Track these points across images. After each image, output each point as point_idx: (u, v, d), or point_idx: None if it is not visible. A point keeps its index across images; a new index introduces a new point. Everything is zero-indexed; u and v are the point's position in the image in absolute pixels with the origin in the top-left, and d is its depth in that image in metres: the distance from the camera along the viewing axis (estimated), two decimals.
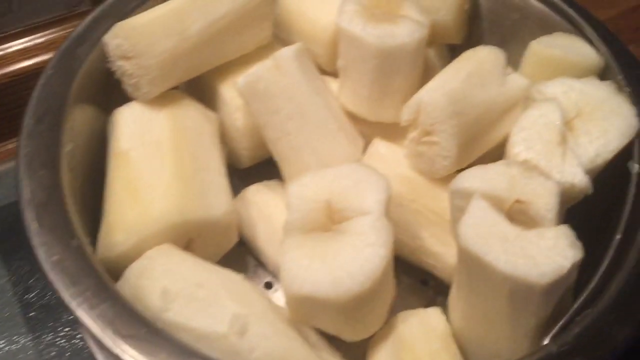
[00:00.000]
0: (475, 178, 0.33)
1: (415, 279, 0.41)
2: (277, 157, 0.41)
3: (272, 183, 0.43)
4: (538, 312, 0.29)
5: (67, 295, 0.28)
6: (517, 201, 0.31)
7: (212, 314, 0.32)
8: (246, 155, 0.43)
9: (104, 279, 0.29)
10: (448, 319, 0.35)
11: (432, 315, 0.35)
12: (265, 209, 0.41)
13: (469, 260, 0.30)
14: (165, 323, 0.31)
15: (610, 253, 0.32)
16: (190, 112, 0.41)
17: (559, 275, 0.28)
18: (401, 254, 0.40)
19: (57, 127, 0.35)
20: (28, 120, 0.35)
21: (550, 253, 0.28)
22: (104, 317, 0.27)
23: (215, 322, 0.32)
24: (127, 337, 0.27)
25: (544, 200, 0.31)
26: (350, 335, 0.34)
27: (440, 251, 0.38)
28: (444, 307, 0.36)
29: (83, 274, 0.29)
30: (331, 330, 0.34)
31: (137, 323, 0.28)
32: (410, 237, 0.39)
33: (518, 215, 0.31)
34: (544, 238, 0.29)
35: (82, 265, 0.29)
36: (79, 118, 0.38)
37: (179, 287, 0.33)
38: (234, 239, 0.40)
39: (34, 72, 0.51)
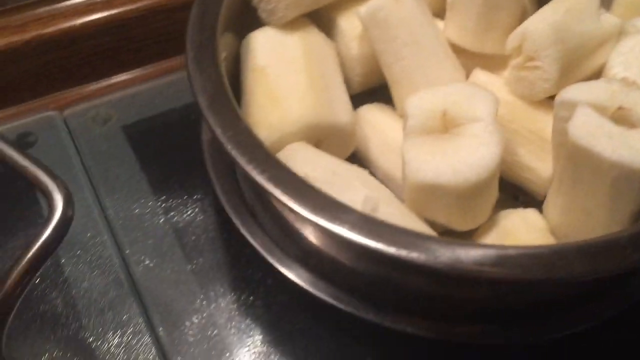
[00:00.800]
0: (580, 90, 0.38)
1: (507, 195, 0.46)
2: (390, 81, 0.46)
3: (382, 105, 0.48)
4: (637, 198, 0.34)
5: (243, 161, 0.34)
6: (619, 108, 0.36)
7: (347, 195, 0.37)
8: (358, 81, 0.49)
9: (270, 152, 0.35)
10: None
11: (530, 213, 0.40)
12: (378, 124, 0.46)
13: (577, 155, 0.35)
14: None
15: None
16: (316, 37, 0.46)
17: None
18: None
19: (213, 39, 0.41)
20: (191, 32, 0.41)
21: None
22: (275, 179, 0.33)
23: (350, 202, 0.37)
24: (297, 195, 0.33)
25: None
26: (461, 224, 0.40)
27: (535, 166, 0.43)
28: None
29: (253, 147, 0.35)
30: (444, 220, 0.39)
31: (302, 183, 0.33)
32: (508, 153, 0.44)
33: (620, 121, 0.36)
34: None
35: (252, 140, 0.35)
36: (226, 36, 0.44)
37: (318, 173, 0.38)
38: (352, 148, 0.45)
39: (160, 9, 0.58)
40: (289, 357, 0.41)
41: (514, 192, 0.46)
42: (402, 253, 0.31)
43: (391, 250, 0.31)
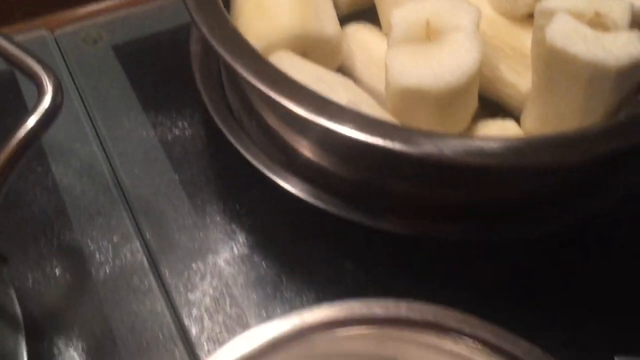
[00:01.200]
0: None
1: (486, 112, 0.47)
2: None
3: (369, 24, 0.49)
4: (609, 99, 0.36)
5: (230, 59, 0.35)
6: (596, 14, 0.37)
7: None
8: (345, 2, 0.49)
9: (258, 53, 0.36)
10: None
11: (508, 123, 0.42)
12: (364, 42, 0.47)
13: (553, 59, 0.36)
14: None
15: None
16: None
17: (631, 60, 0.34)
18: (480, 86, 0.46)
19: None
20: None
21: (624, 46, 0.35)
22: (260, 74, 0.34)
23: None
24: (280, 89, 0.34)
25: (619, 13, 0.37)
26: (440, 130, 0.41)
27: (515, 81, 0.44)
28: None
29: (240, 46, 0.36)
30: (424, 125, 0.40)
31: (287, 79, 0.34)
32: (490, 68, 0.45)
33: (596, 27, 0.37)
34: (619, 37, 0.35)
35: (239, 40, 0.36)
36: None
37: (304, 79, 0.39)
38: (337, 63, 0.46)
39: None
40: (271, 260, 0.42)
41: (493, 109, 0.48)
42: (382, 142, 0.32)
43: (373, 140, 0.32)
